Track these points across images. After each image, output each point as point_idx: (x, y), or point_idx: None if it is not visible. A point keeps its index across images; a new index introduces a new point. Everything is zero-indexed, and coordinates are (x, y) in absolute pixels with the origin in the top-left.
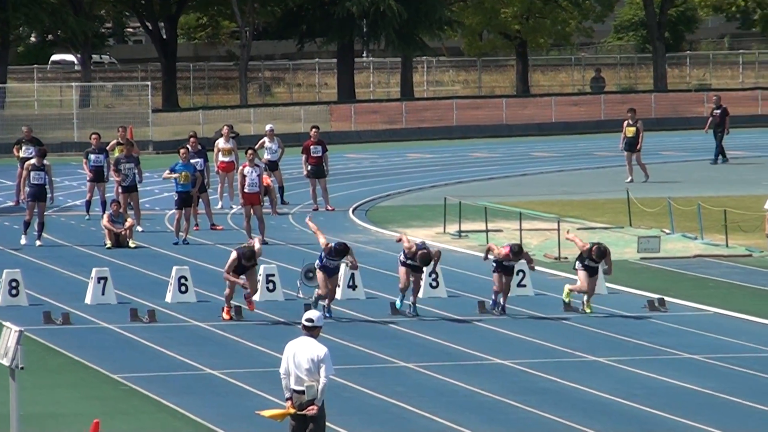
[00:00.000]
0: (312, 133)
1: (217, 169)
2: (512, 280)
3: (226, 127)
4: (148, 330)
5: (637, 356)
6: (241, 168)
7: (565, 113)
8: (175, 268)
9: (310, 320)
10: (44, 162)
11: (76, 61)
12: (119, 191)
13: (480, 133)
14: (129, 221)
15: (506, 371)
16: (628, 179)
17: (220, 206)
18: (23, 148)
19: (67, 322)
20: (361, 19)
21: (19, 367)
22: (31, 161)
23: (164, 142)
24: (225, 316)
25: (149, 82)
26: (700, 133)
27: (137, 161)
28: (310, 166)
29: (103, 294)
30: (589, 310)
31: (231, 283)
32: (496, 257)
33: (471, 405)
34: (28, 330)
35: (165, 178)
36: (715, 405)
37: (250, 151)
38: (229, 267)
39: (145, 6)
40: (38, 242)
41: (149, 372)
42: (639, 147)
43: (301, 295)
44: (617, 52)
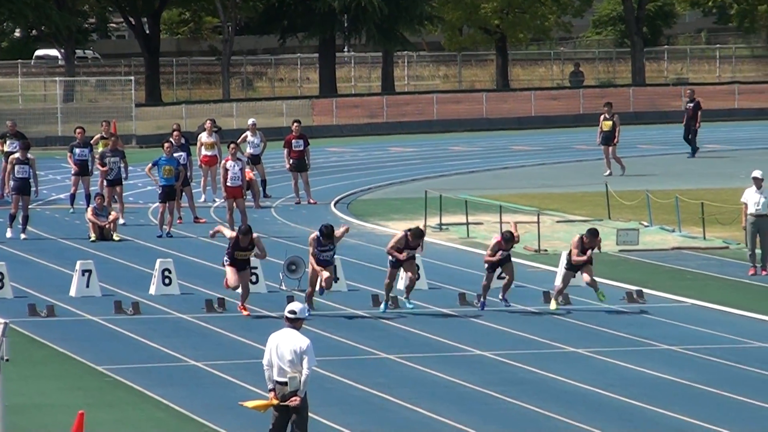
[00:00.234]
0: (294, 128)
1: (200, 163)
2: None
3: (209, 122)
4: (132, 322)
5: (615, 347)
6: (223, 162)
7: (544, 107)
8: (158, 261)
9: (293, 312)
10: (28, 156)
11: (60, 56)
12: (104, 184)
13: (460, 127)
14: (113, 214)
15: (486, 362)
16: (607, 172)
17: (203, 199)
18: (8, 143)
19: (51, 315)
20: (342, 15)
21: (5, 358)
22: (15, 155)
23: (147, 136)
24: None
25: (132, 77)
26: (678, 126)
27: (123, 155)
28: (292, 160)
29: (88, 286)
30: (603, 297)
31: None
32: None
33: (451, 396)
34: (13, 322)
35: (147, 173)
36: (691, 395)
37: (233, 145)
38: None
39: (128, 1)
40: (23, 235)
41: (133, 363)
42: (616, 141)
43: (283, 288)
44: (596, 47)
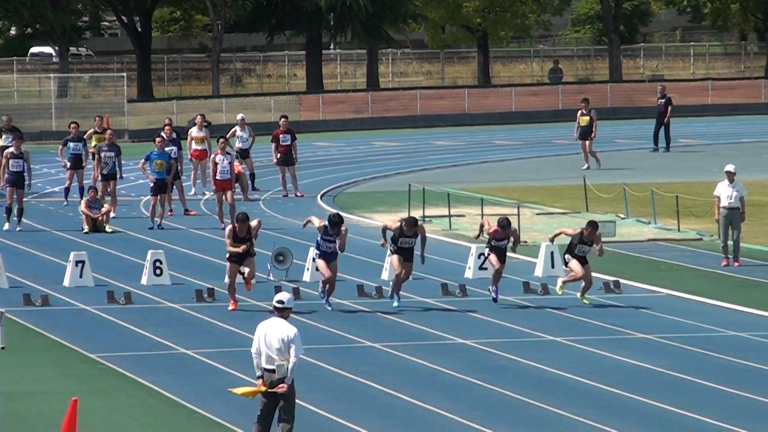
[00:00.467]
0: (281, 123)
1: (190, 157)
2: (503, 266)
3: (199, 117)
4: (124, 311)
5: (593, 336)
6: (213, 156)
7: (524, 103)
8: (150, 252)
9: (281, 302)
10: (22, 150)
11: (54, 54)
12: (99, 178)
13: (443, 122)
14: (105, 207)
15: (468, 351)
16: (585, 166)
17: (193, 192)
18: (3, 137)
19: (46, 304)
20: (329, 13)
21: (0, 347)
22: (9, 149)
23: (139, 131)
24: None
25: (125, 74)
26: (654, 122)
27: (119, 151)
28: (279, 154)
29: (81, 277)
30: (586, 301)
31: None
32: (488, 233)
33: (434, 383)
34: (9, 311)
35: (141, 170)
36: (666, 382)
37: (222, 140)
38: (227, 236)
39: (120, 0)
40: (18, 227)
41: (125, 351)
42: (593, 135)
43: (271, 278)
44: (574, 45)
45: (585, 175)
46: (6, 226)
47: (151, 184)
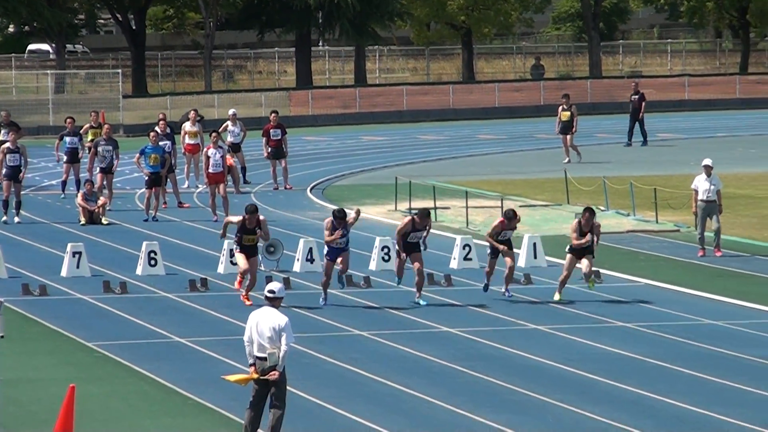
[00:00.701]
0: (272, 118)
1: (183, 151)
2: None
3: (192, 112)
4: (120, 301)
5: (574, 324)
6: (205, 150)
7: (507, 98)
8: (145, 243)
9: (272, 291)
10: (18, 144)
11: (51, 51)
12: (96, 171)
13: (428, 117)
14: (102, 199)
15: (453, 339)
16: (566, 160)
17: (186, 185)
18: (1, 132)
19: (44, 294)
20: (318, 11)
21: (0, 335)
22: (6, 144)
23: (134, 126)
24: (237, 285)
25: (120, 70)
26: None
27: (116, 145)
28: (270, 148)
29: (78, 267)
30: (591, 285)
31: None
32: (494, 228)
33: (420, 370)
34: (8, 301)
35: (136, 164)
36: (645, 369)
37: (214, 134)
38: (236, 226)
39: None
40: (17, 219)
41: (121, 340)
42: (574, 130)
43: (262, 268)
44: (555, 42)
45: (566, 169)
46: (4, 218)
47: (146, 178)
